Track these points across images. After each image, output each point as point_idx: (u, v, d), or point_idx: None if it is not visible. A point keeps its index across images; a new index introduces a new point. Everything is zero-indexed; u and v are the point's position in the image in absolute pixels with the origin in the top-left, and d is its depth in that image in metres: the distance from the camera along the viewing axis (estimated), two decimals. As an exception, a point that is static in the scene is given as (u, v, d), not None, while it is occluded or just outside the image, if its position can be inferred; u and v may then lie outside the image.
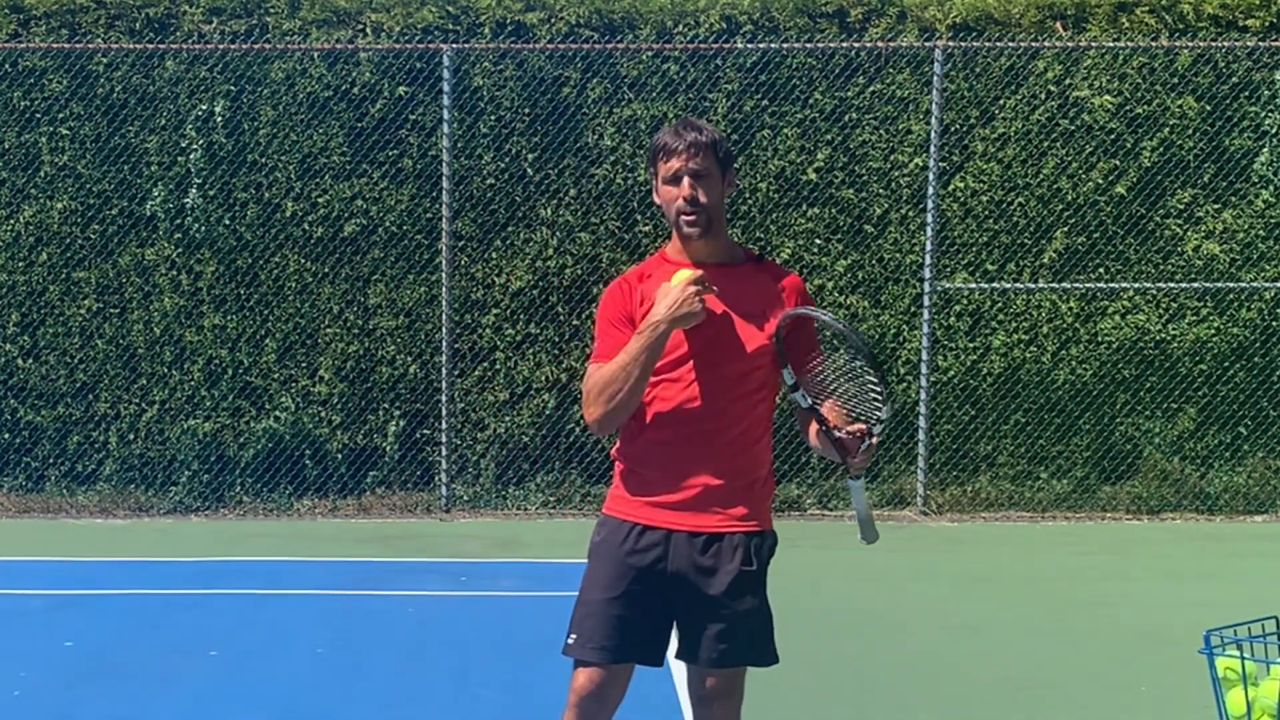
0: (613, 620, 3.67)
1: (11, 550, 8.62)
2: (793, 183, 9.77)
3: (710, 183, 3.65)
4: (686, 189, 3.62)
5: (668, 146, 3.65)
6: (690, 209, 3.63)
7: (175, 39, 9.76)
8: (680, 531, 3.66)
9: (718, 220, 3.68)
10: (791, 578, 8.00)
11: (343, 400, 9.82)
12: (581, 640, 3.69)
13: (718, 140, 3.68)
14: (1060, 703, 5.76)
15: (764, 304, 3.69)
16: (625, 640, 3.68)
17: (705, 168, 3.64)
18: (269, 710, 5.57)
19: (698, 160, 3.63)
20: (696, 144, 3.63)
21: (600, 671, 3.68)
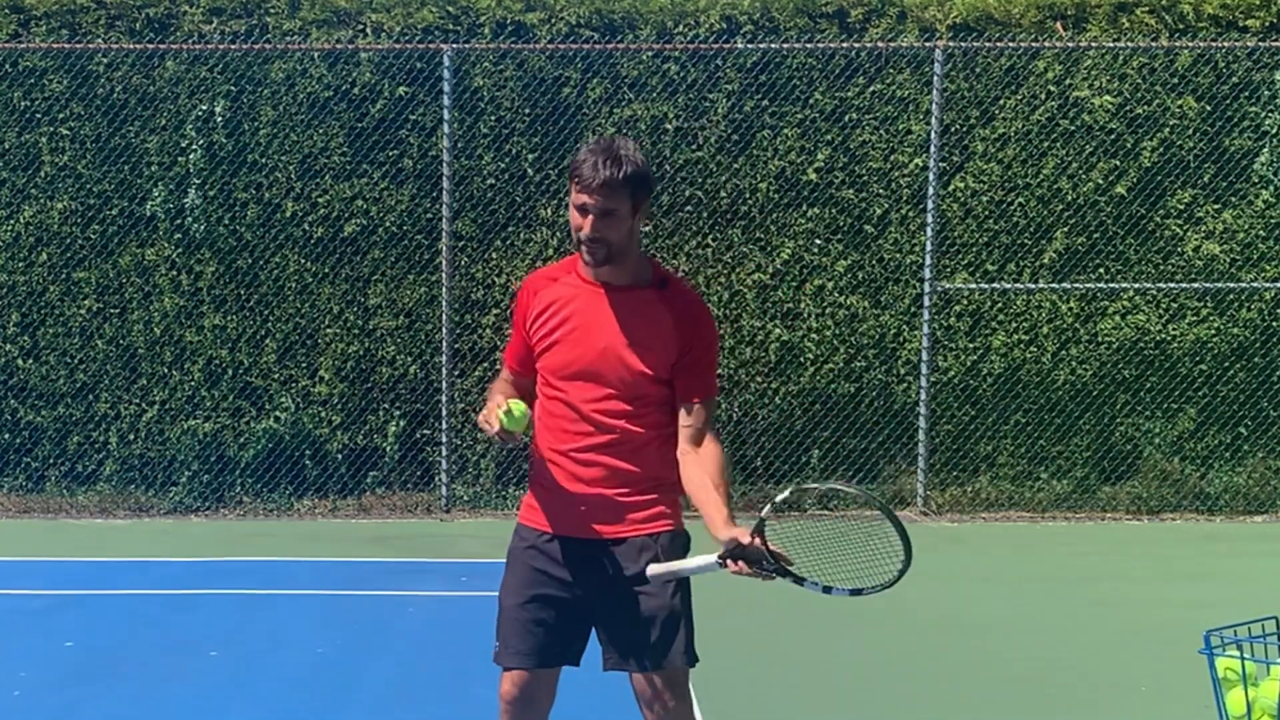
0: (528, 625, 3.73)
1: (11, 550, 8.62)
2: (793, 183, 9.77)
3: (616, 220, 3.62)
4: (589, 228, 3.62)
5: (582, 178, 3.61)
6: (590, 244, 3.64)
7: (175, 39, 9.76)
8: (582, 538, 3.71)
9: (621, 250, 3.66)
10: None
11: (343, 400, 9.82)
12: (504, 648, 3.77)
13: (634, 175, 3.61)
14: (1060, 703, 5.76)
15: (652, 332, 3.67)
16: (542, 644, 3.74)
17: (614, 206, 3.61)
18: (269, 710, 5.56)
19: (608, 200, 3.59)
20: (609, 183, 3.58)
21: (523, 675, 3.76)
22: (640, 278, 3.73)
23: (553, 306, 3.74)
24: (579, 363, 3.68)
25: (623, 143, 3.68)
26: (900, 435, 9.84)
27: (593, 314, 3.69)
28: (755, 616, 7.07)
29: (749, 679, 6.00)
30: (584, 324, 3.69)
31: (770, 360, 9.80)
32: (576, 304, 3.71)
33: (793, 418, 9.83)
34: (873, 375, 9.82)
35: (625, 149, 3.64)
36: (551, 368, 3.73)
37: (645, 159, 3.69)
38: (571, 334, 3.70)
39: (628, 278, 3.71)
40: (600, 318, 3.68)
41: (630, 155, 3.63)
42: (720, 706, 5.60)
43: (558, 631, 3.74)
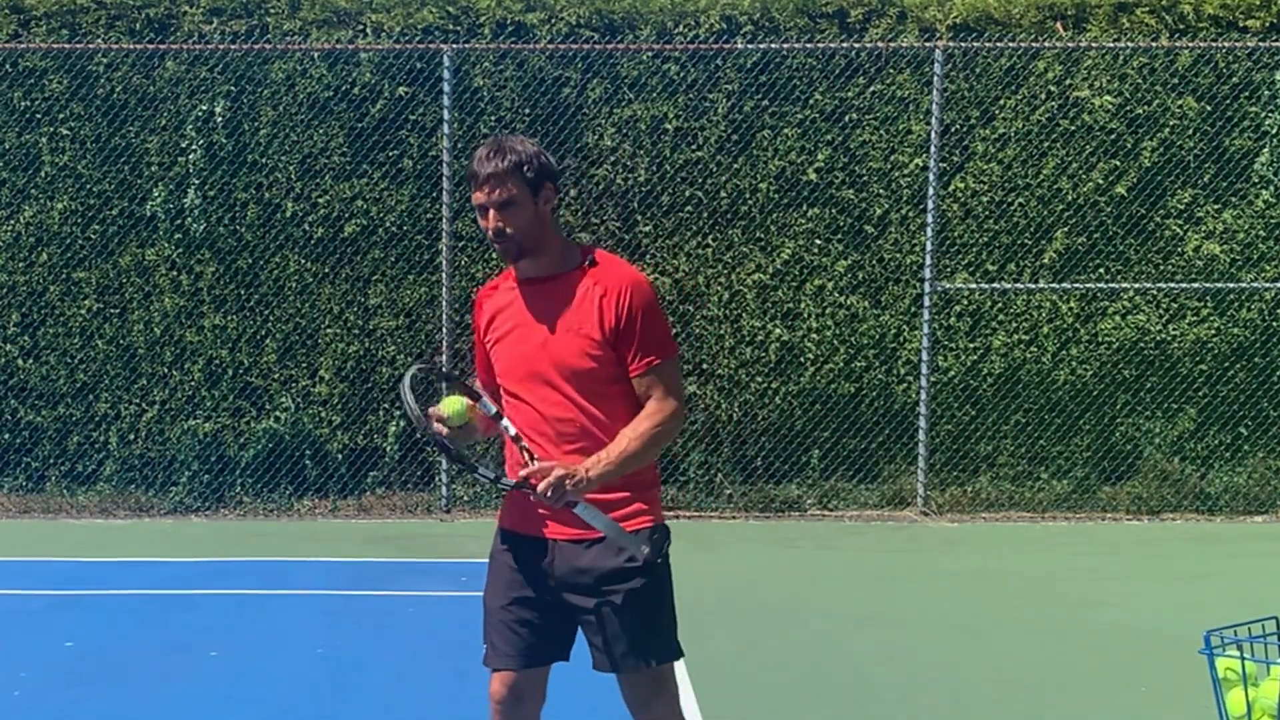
0: (512, 627, 3.74)
1: (11, 550, 8.62)
2: (793, 183, 9.77)
3: (516, 209, 3.60)
4: (491, 223, 3.61)
5: (474, 175, 3.62)
6: (497, 240, 3.63)
7: (175, 39, 9.76)
8: (559, 539, 3.70)
9: (533, 242, 3.64)
10: (791, 578, 8.04)
11: (343, 400, 9.82)
12: (491, 649, 3.79)
13: (524, 161, 3.60)
14: (1060, 703, 5.76)
15: (583, 311, 3.64)
16: (527, 644, 3.74)
17: (510, 196, 3.59)
18: (269, 710, 5.56)
19: (499, 192, 3.58)
20: (495, 175, 3.58)
21: (511, 676, 3.76)
22: (567, 263, 3.70)
23: (496, 315, 3.76)
24: (524, 364, 3.68)
25: (512, 138, 3.69)
26: (900, 435, 9.85)
27: (526, 312, 3.69)
28: (755, 616, 7.07)
29: (749, 679, 6.00)
30: (520, 324, 3.70)
31: (770, 360, 9.80)
32: (513, 305, 3.73)
33: (793, 418, 9.83)
34: (873, 375, 9.82)
35: (511, 141, 3.65)
36: (503, 374, 3.75)
37: (536, 147, 3.67)
38: (511, 337, 3.71)
39: (553, 266, 3.69)
40: (533, 314, 3.67)
41: (515, 146, 3.63)
42: (720, 706, 5.60)
43: (542, 631, 3.74)
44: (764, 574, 8.13)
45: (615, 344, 3.62)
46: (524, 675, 3.76)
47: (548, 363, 3.64)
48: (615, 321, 3.61)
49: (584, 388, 3.63)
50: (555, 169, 3.73)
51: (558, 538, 3.70)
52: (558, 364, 3.63)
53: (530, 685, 3.78)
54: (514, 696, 3.77)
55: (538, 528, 3.72)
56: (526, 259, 3.66)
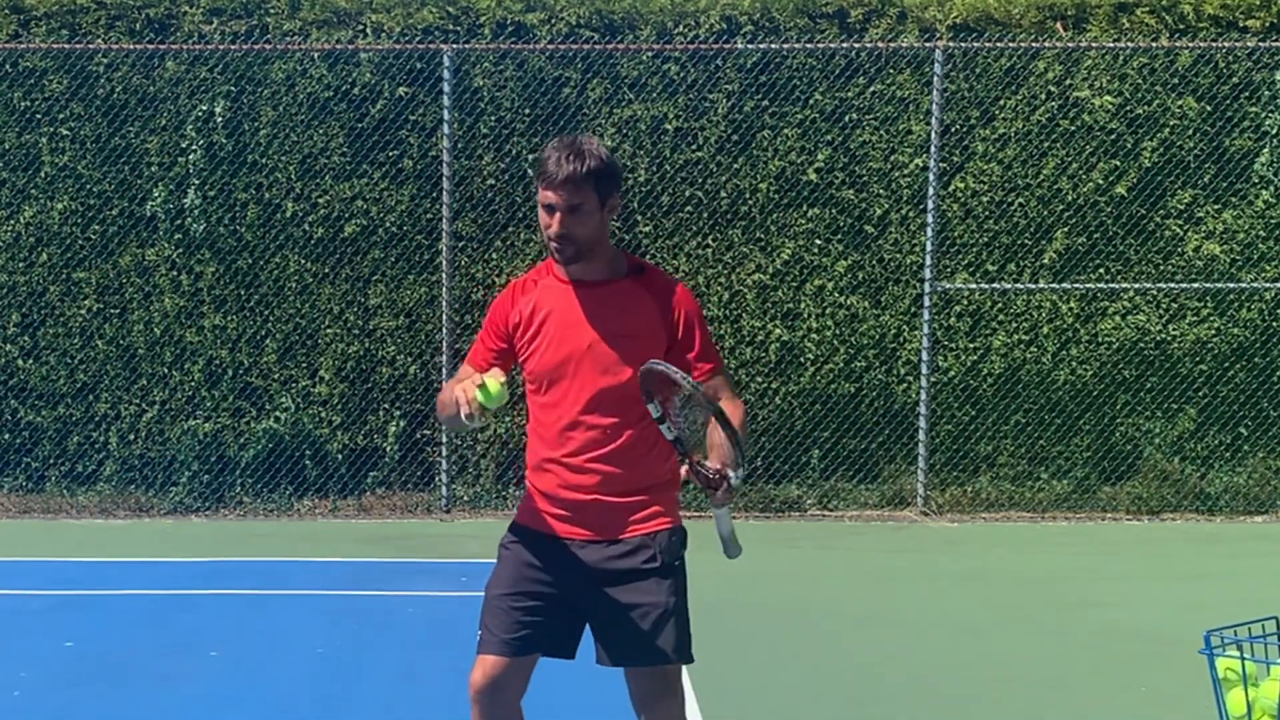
0: (510, 613, 3.74)
1: (11, 550, 8.62)
2: (793, 183, 9.77)
3: (584, 215, 3.60)
4: (556, 225, 3.60)
5: (547, 173, 3.60)
6: (558, 242, 3.63)
7: (175, 39, 9.76)
8: (580, 540, 3.71)
9: (590, 247, 3.64)
10: (791, 578, 8.03)
11: (343, 400, 9.82)
12: (485, 634, 3.78)
13: (599, 169, 3.60)
14: (1060, 703, 5.76)
15: (639, 319, 3.66)
16: (522, 634, 3.74)
17: (580, 202, 3.59)
18: (269, 710, 5.57)
19: (573, 195, 3.58)
20: (573, 178, 3.57)
21: (495, 661, 3.75)
22: (616, 270, 3.71)
23: (533, 311, 3.73)
24: (565, 364, 3.67)
25: (586, 139, 3.68)
26: (900, 435, 9.85)
27: (574, 311, 3.68)
28: (755, 616, 7.08)
29: (749, 679, 6.00)
30: (565, 324, 3.68)
31: (770, 360, 9.80)
32: (556, 305, 3.71)
33: (793, 418, 9.83)
34: (873, 375, 9.82)
35: (589, 145, 3.64)
36: (537, 373, 3.72)
37: (610, 153, 3.68)
38: (554, 336, 3.69)
39: (603, 272, 3.70)
40: (580, 315, 3.67)
41: (594, 150, 3.62)
42: (720, 706, 5.60)
43: (539, 624, 3.75)
44: (764, 574, 8.13)
45: (667, 353, 3.63)
46: (508, 664, 3.76)
47: (592, 367, 3.64)
48: (673, 330, 3.66)
49: (621, 394, 3.64)
50: (622, 176, 3.74)
51: (575, 537, 3.72)
52: (603, 368, 3.64)
53: (512, 676, 3.77)
54: (493, 685, 3.77)
55: (558, 527, 3.73)
56: (580, 263, 3.66)
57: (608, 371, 3.64)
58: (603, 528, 3.70)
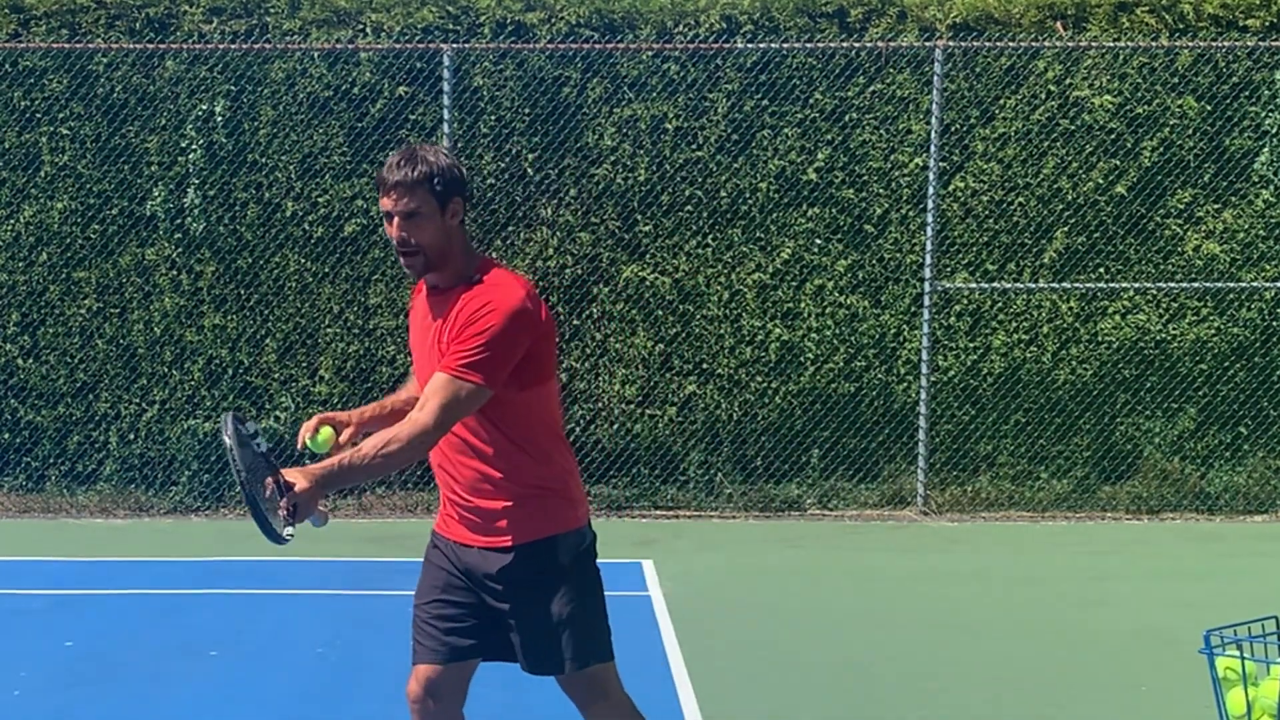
0: (432, 623, 3.78)
1: (11, 550, 8.62)
2: (793, 183, 9.77)
3: (421, 220, 3.56)
4: (395, 229, 3.59)
5: (382, 180, 3.59)
6: (401, 249, 3.61)
7: (175, 39, 9.76)
8: (476, 546, 3.72)
9: (440, 254, 3.60)
10: (791, 578, 8.03)
11: (343, 400, 9.82)
12: (414, 645, 3.82)
13: (429, 173, 3.55)
14: (1060, 702, 5.76)
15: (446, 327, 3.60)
16: (446, 640, 3.75)
17: (416, 207, 3.56)
18: (269, 710, 5.57)
19: (406, 201, 3.55)
20: (403, 184, 3.54)
21: (428, 672, 3.78)
22: (460, 278, 3.64)
23: (409, 319, 3.83)
24: (419, 368, 3.75)
25: (425, 147, 3.65)
26: (900, 435, 9.85)
27: (420, 320, 3.74)
28: (755, 616, 7.08)
29: (749, 679, 6.00)
30: (419, 329, 3.74)
31: (770, 360, 9.80)
32: (416, 312, 3.78)
33: (793, 418, 9.83)
34: (873, 375, 9.82)
35: (424, 151, 3.61)
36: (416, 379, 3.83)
37: (449, 160, 3.63)
38: (413, 342, 3.79)
39: (450, 279, 3.66)
40: (424, 322, 3.70)
41: (427, 156, 3.59)
42: (720, 706, 5.60)
43: (464, 629, 3.75)
44: (764, 574, 8.13)
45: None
46: (442, 672, 3.76)
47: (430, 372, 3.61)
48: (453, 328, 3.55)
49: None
50: (466, 182, 3.66)
51: (470, 544, 3.71)
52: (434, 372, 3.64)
53: (448, 684, 3.78)
54: (428, 694, 3.78)
55: (455, 533, 3.76)
56: (432, 271, 3.64)
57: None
58: (481, 533, 3.68)
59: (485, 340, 3.49)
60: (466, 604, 3.75)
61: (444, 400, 3.47)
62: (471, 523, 3.70)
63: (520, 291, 3.58)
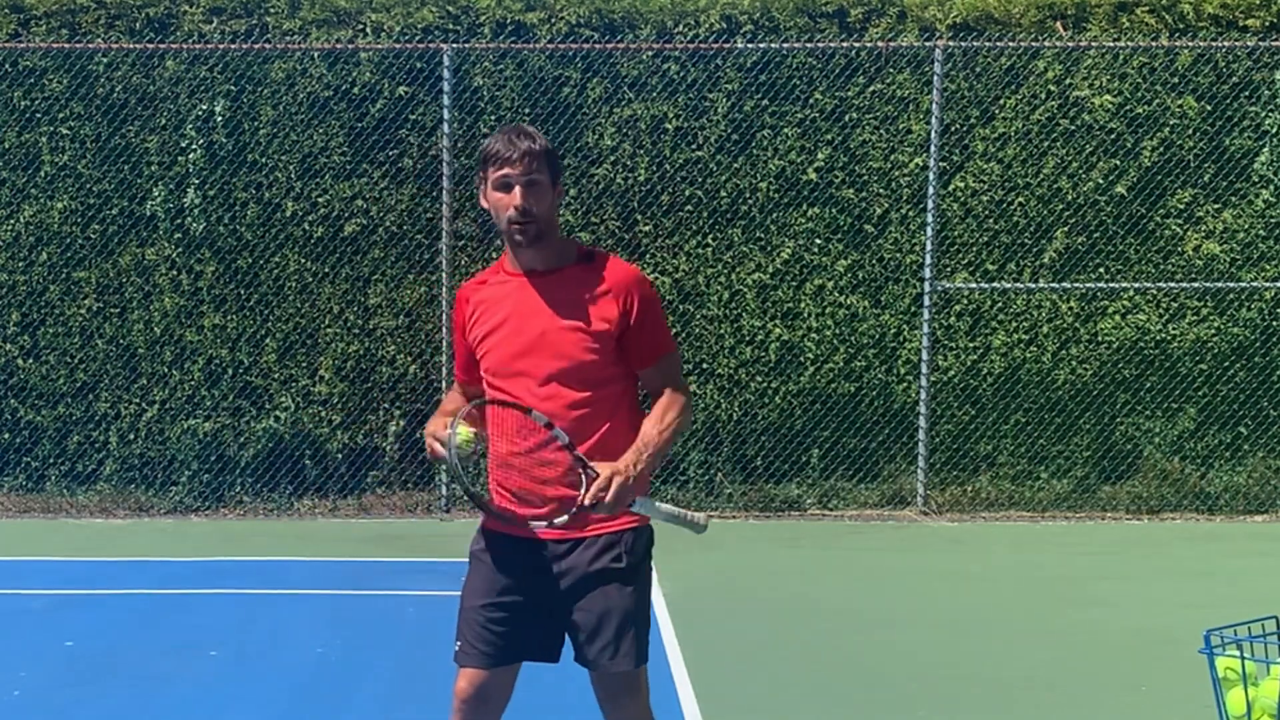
0: (487, 625, 3.73)
1: (11, 550, 8.62)
2: (793, 182, 9.77)
3: (541, 191, 3.62)
4: (518, 198, 3.60)
5: (500, 154, 3.62)
6: (521, 219, 3.61)
7: (175, 39, 9.76)
8: (545, 539, 3.68)
9: (548, 228, 3.65)
10: (792, 578, 8.03)
11: (343, 400, 9.82)
12: (464, 647, 3.77)
13: (551, 150, 3.66)
14: (1060, 703, 5.76)
15: (587, 305, 3.62)
16: (502, 643, 3.73)
17: (538, 178, 3.61)
18: (269, 710, 5.57)
19: (532, 169, 3.60)
20: (531, 153, 3.59)
21: (479, 674, 3.74)
22: (565, 258, 3.69)
23: (485, 308, 3.73)
24: (520, 357, 3.65)
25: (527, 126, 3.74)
26: (900, 435, 9.85)
27: (525, 304, 3.66)
28: (755, 616, 7.07)
29: (749, 678, 6.00)
30: (517, 315, 3.67)
31: (770, 360, 9.80)
32: (509, 299, 3.69)
33: (793, 417, 9.83)
34: (873, 375, 9.82)
35: (532, 129, 3.70)
36: (493, 367, 3.70)
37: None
38: (507, 329, 3.68)
39: (554, 260, 3.68)
40: (532, 306, 3.65)
41: (542, 136, 3.68)
42: (720, 706, 5.60)
43: (517, 632, 3.73)
44: (764, 574, 8.13)
45: (620, 338, 3.62)
46: (493, 675, 3.75)
47: (547, 355, 3.62)
48: (622, 316, 3.62)
49: (581, 382, 3.62)
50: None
51: (544, 537, 3.69)
52: (558, 357, 3.62)
53: (497, 686, 3.77)
54: (480, 696, 3.76)
55: (524, 528, 3.69)
56: (534, 248, 3.64)
57: (566, 359, 3.61)
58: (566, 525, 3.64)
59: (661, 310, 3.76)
60: (523, 604, 3.72)
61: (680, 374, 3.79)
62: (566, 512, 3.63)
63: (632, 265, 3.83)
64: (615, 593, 3.67)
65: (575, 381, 3.62)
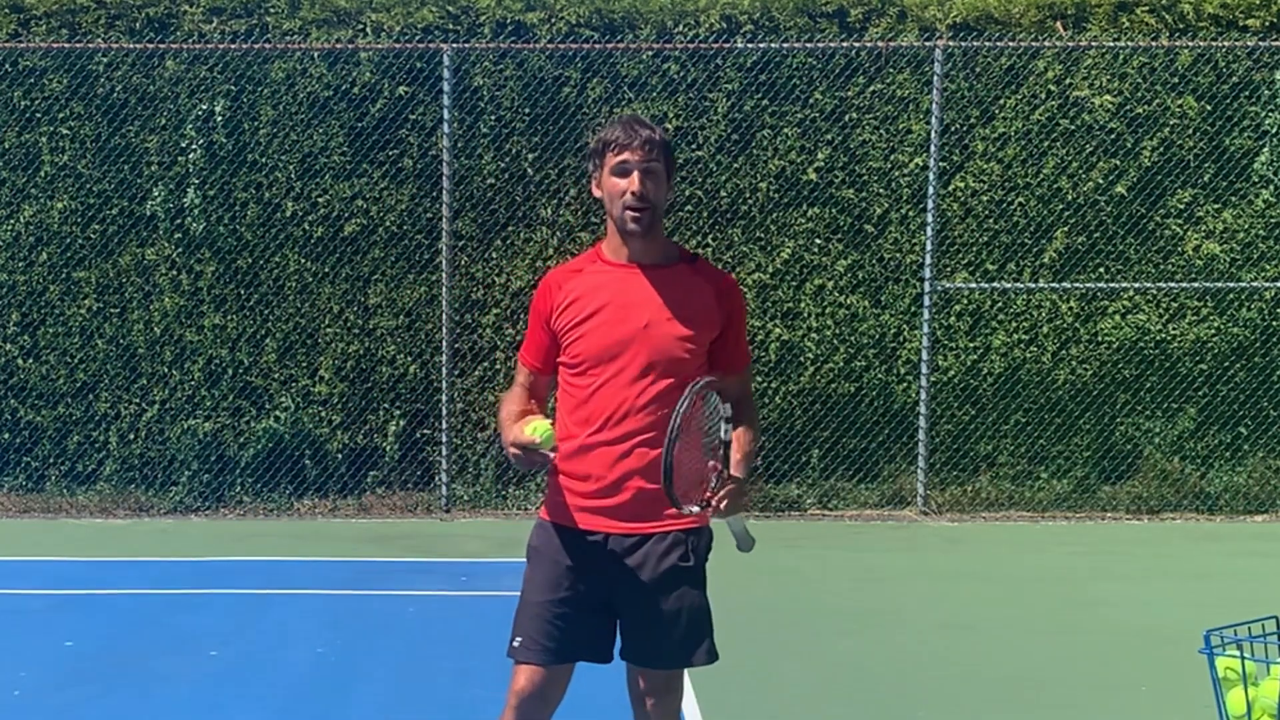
0: (553, 622, 3.70)
1: (11, 550, 8.62)
2: (793, 182, 9.77)
3: (658, 180, 3.65)
4: (636, 183, 3.62)
5: (620, 140, 3.64)
6: (638, 204, 3.62)
7: (175, 39, 9.76)
8: (615, 534, 3.68)
9: (659, 218, 3.68)
10: (792, 577, 8.03)
11: (343, 400, 9.82)
12: (525, 642, 3.73)
13: (668, 142, 3.71)
14: (1060, 703, 5.76)
15: (694, 306, 3.66)
16: (566, 641, 3.72)
17: (656, 165, 3.64)
18: (269, 710, 5.57)
19: (651, 157, 3.63)
20: (651, 141, 3.63)
21: (541, 672, 3.72)
22: (669, 256, 3.73)
23: (582, 295, 3.69)
24: (619, 346, 3.63)
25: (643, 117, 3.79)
26: (900, 435, 9.85)
27: (630, 293, 3.66)
28: (755, 616, 7.07)
29: (749, 679, 6.00)
30: (622, 304, 3.65)
31: (770, 360, 9.80)
32: (610, 287, 3.68)
33: (793, 418, 9.83)
34: (873, 375, 9.82)
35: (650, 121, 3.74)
36: (588, 354, 3.67)
37: None
38: (608, 317, 3.65)
39: (660, 255, 3.71)
40: (638, 296, 3.65)
41: (658, 126, 3.73)
42: (720, 706, 5.60)
43: (580, 629, 3.71)
44: (764, 574, 8.13)
45: (716, 341, 3.67)
46: (553, 671, 3.73)
47: (647, 348, 3.62)
48: (725, 320, 3.69)
49: (673, 378, 3.62)
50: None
51: (610, 531, 3.68)
52: (658, 351, 3.62)
53: (555, 684, 3.76)
54: (539, 693, 3.73)
55: (593, 520, 3.68)
56: (646, 239, 3.66)
57: (664, 354, 3.62)
58: (639, 519, 3.65)
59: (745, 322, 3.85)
60: (586, 602, 3.71)
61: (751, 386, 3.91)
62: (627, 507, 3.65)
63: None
64: (688, 589, 3.68)
65: (667, 376, 3.63)
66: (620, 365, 3.64)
